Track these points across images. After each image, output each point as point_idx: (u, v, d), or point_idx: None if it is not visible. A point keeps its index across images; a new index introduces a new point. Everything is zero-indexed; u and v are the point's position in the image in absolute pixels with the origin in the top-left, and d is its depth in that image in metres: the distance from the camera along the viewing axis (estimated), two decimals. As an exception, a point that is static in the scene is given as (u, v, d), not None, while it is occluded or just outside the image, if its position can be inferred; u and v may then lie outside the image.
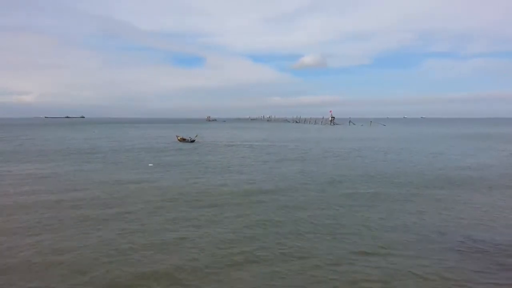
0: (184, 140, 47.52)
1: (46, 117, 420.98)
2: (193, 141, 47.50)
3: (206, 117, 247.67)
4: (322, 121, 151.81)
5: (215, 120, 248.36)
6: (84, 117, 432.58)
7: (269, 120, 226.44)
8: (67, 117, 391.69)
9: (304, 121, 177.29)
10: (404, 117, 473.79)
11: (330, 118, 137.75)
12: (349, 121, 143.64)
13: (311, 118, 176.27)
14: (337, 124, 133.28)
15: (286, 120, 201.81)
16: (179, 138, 48.53)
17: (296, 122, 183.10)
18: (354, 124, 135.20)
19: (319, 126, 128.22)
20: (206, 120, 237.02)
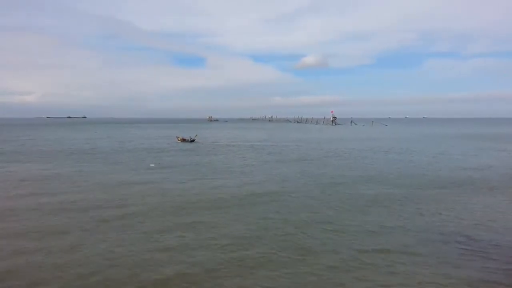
0: (184, 141, 47.82)
1: (48, 117, 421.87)
2: (193, 140, 47.85)
3: (207, 117, 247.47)
4: (323, 121, 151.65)
5: (217, 120, 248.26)
6: (86, 117, 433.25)
7: (270, 120, 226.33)
8: (69, 117, 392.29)
9: (306, 121, 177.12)
10: (405, 117, 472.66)
11: (331, 118, 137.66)
12: (351, 121, 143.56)
13: (312, 118, 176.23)
14: (338, 124, 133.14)
15: (288, 120, 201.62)
16: (179, 139, 48.85)
17: (298, 122, 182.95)
18: (355, 124, 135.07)
19: (321, 126, 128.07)
20: (207, 120, 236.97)
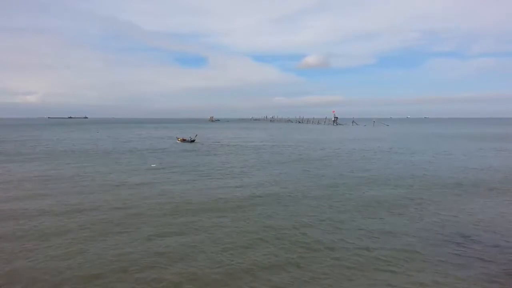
0: (184, 141, 48.89)
1: (50, 118, 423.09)
2: (193, 141, 48.78)
3: (209, 118, 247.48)
4: (325, 121, 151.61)
5: (219, 120, 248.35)
6: (87, 117, 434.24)
7: (272, 120, 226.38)
8: (70, 117, 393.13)
9: (307, 121, 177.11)
10: (407, 117, 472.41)
11: (333, 119, 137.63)
12: (352, 121, 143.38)
13: (314, 118, 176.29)
14: (340, 124, 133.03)
15: (290, 121, 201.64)
16: (179, 139, 49.95)
17: (299, 122, 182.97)
18: (357, 124, 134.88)
19: (322, 126, 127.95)
20: (209, 120, 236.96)
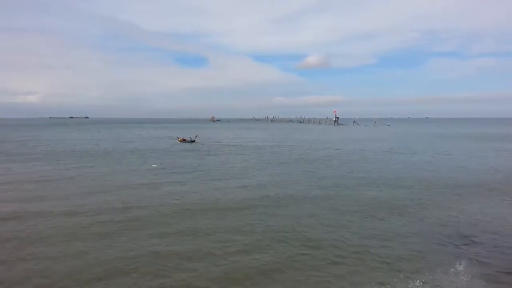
0: (184, 141, 49.20)
1: (51, 118, 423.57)
2: (193, 141, 49.10)
3: (210, 118, 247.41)
4: (326, 121, 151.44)
5: (219, 120, 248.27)
6: (88, 117, 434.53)
7: (273, 120, 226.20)
8: (71, 117, 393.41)
9: (308, 122, 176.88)
10: (408, 117, 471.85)
11: (334, 119, 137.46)
12: (353, 121, 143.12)
13: (315, 118, 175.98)
14: (341, 124, 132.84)
15: (290, 121, 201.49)
16: (179, 139, 50.26)
17: (300, 122, 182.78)
18: (358, 124, 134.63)
19: (323, 126, 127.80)
20: (210, 120, 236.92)
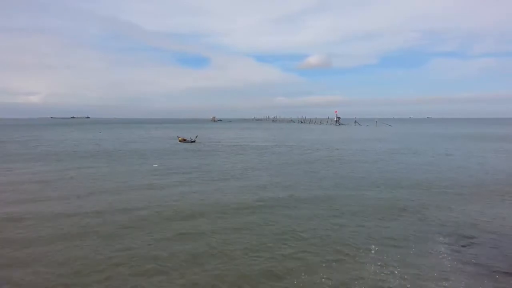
0: (185, 141, 49.15)
1: (52, 118, 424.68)
2: (193, 141, 49.08)
3: (211, 118, 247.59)
4: (327, 121, 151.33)
5: (221, 120, 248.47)
6: (89, 117, 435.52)
7: (274, 120, 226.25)
8: (73, 118, 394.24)
9: (309, 122, 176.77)
10: (410, 117, 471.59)
11: (335, 119, 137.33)
12: (355, 122, 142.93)
13: (316, 118, 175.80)
14: (342, 124, 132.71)
15: (292, 121, 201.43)
16: (180, 139, 50.23)
17: (301, 122, 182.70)
18: (359, 124, 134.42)
19: (325, 126, 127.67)
20: (211, 120, 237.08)
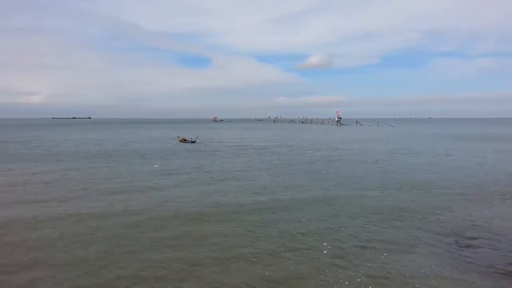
0: (185, 141, 49.33)
1: (53, 118, 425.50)
2: (193, 142, 49.20)
3: (212, 118, 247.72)
4: (328, 122, 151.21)
5: (222, 120, 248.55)
6: (90, 117, 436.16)
7: (275, 120, 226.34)
8: (74, 118, 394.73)
9: (311, 122, 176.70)
10: (411, 117, 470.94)
11: (336, 119, 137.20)
12: (356, 122, 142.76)
13: (317, 118, 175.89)
14: (343, 124, 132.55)
15: (293, 121, 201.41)
16: (180, 139, 50.39)
17: (303, 122, 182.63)
18: (361, 124, 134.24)
19: (326, 126, 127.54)
20: (212, 120, 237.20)
